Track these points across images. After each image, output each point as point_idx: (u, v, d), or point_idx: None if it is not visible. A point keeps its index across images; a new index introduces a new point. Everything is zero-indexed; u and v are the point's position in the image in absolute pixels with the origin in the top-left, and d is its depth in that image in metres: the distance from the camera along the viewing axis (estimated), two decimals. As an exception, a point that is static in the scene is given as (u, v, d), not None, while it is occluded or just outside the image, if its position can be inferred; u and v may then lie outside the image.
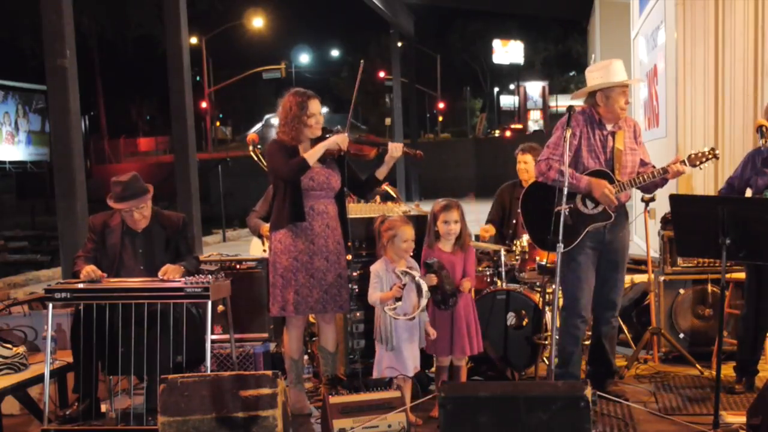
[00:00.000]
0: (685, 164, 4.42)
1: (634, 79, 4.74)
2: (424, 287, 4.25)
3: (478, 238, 5.82)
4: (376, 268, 4.39)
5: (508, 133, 42.35)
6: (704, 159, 4.42)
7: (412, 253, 4.49)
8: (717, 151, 4.44)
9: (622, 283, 4.74)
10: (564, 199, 4.11)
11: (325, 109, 5.07)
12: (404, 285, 4.25)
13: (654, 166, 4.59)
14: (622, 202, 4.58)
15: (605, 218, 4.49)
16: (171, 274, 4.42)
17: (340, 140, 4.55)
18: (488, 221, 6.06)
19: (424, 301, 4.25)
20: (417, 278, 4.27)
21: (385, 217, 4.53)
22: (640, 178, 4.47)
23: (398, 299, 4.23)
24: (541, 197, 4.57)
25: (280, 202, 4.59)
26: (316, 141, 4.61)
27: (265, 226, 5.04)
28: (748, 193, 4.73)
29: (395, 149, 4.61)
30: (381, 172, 4.72)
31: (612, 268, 4.61)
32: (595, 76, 4.55)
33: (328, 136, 4.62)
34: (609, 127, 4.55)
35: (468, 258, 4.57)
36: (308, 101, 4.56)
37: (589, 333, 4.90)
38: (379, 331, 4.35)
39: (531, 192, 4.76)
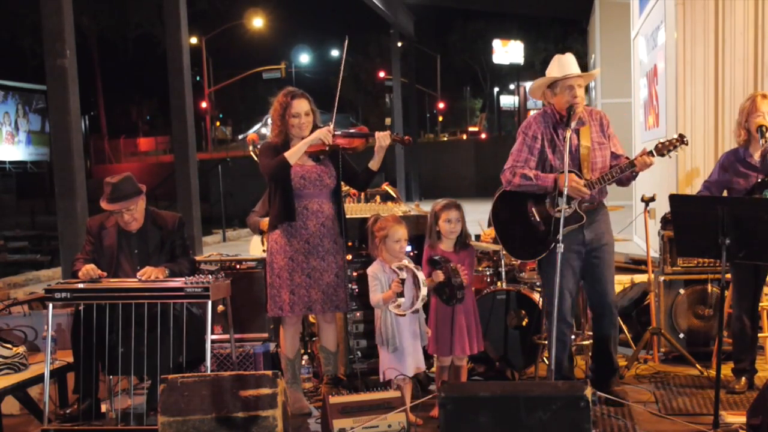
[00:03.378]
0: (653, 154, 4.27)
1: (569, 73, 4.51)
2: (421, 277, 4.24)
3: (477, 237, 5.82)
4: (373, 270, 4.38)
5: (464, 136, 40.30)
6: (671, 147, 4.27)
7: (409, 253, 4.49)
8: (686, 138, 4.29)
9: (612, 280, 4.60)
10: (564, 200, 4.10)
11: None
12: (403, 280, 4.24)
13: (628, 158, 4.45)
14: (597, 199, 4.47)
15: (577, 220, 4.36)
16: (149, 275, 4.37)
17: (321, 135, 4.52)
18: (489, 225, 6.04)
19: (424, 290, 4.22)
20: (413, 268, 4.25)
21: (378, 216, 4.52)
22: (609, 174, 4.34)
23: (400, 295, 4.23)
24: (511, 207, 4.53)
25: (273, 201, 4.62)
26: None
27: (265, 221, 5.04)
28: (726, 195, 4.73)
29: (383, 138, 4.58)
30: (374, 164, 4.69)
31: (598, 266, 4.50)
32: (548, 71, 4.47)
33: None
34: (572, 124, 4.39)
35: (468, 257, 4.57)
36: (292, 101, 4.56)
37: (590, 333, 4.91)
38: (380, 333, 4.33)
39: (501, 203, 4.63)
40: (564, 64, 4.42)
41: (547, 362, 4.69)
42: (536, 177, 4.39)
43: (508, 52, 45.24)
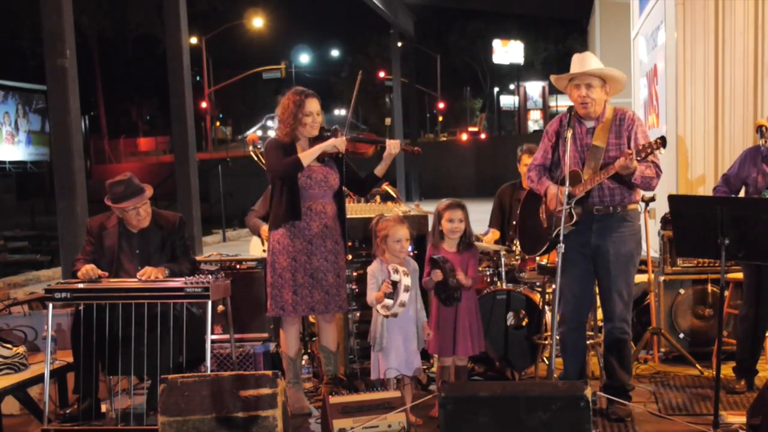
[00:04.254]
0: (632, 156, 4.08)
1: (572, 72, 4.36)
2: (405, 282, 4.21)
3: (478, 238, 5.82)
4: (371, 268, 4.39)
5: (464, 137, 39.80)
6: (650, 150, 4.07)
7: (410, 254, 4.48)
8: (665, 140, 4.08)
9: (619, 292, 4.35)
10: (566, 200, 4.09)
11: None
12: (393, 281, 4.22)
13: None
14: (609, 203, 4.30)
15: (570, 219, 4.18)
16: (149, 275, 4.37)
17: (338, 143, 4.56)
18: (490, 225, 6.05)
19: (404, 296, 4.19)
20: (400, 273, 4.23)
21: (381, 216, 4.53)
22: (597, 177, 4.20)
23: (389, 296, 4.22)
24: (532, 201, 4.56)
25: (278, 200, 4.61)
26: (314, 140, 4.62)
27: (264, 227, 5.05)
28: (743, 191, 4.73)
29: (393, 146, 4.60)
30: (380, 170, 4.72)
31: (604, 275, 4.37)
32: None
33: (327, 134, 4.63)
34: (589, 123, 4.36)
35: (472, 257, 4.57)
36: (306, 100, 4.58)
37: (590, 333, 4.89)
38: (371, 331, 4.37)
39: (527, 196, 4.69)
40: (575, 63, 4.37)
41: (547, 362, 4.69)
42: (539, 182, 4.44)
43: (508, 52, 45.29)
